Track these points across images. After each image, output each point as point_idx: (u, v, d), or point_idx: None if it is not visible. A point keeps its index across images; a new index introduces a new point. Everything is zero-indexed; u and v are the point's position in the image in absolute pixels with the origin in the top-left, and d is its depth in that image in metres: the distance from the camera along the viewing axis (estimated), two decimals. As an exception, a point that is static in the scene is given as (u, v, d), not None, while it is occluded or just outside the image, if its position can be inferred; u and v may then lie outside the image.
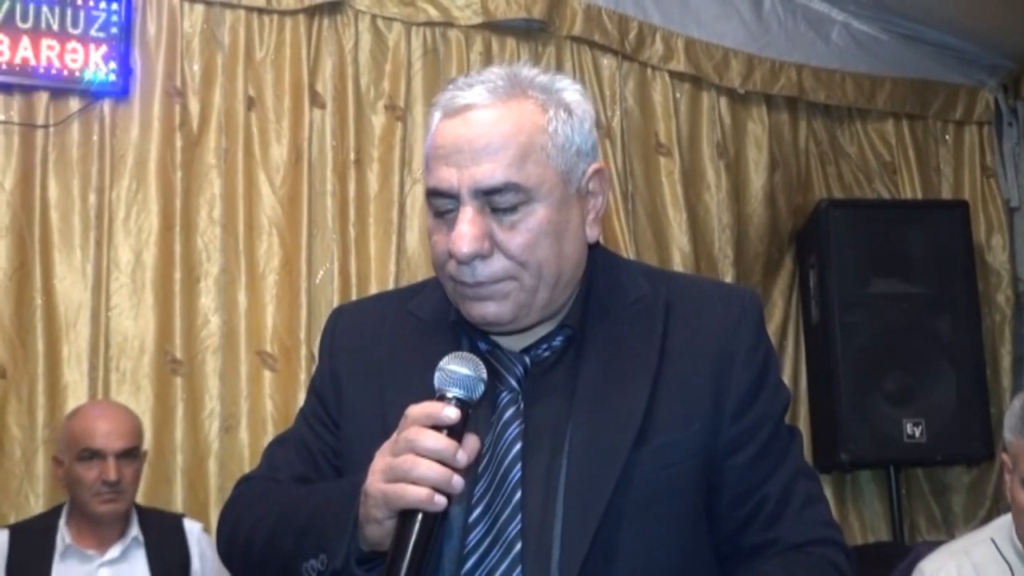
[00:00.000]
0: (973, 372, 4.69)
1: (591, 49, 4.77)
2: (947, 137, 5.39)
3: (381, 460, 1.46)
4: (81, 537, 3.39)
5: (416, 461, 1.41)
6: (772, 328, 4.95)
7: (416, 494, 1.40)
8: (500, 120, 1.57)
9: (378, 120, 4.42)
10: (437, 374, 1.48)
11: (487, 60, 4.57)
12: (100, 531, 3.40)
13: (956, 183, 5.37)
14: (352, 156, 4.34)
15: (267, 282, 4.18)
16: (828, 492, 4.86)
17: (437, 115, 1.62)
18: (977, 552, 2.58)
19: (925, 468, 4.98)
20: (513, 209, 1.56)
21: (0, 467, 3.83)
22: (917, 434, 4.58)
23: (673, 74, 4.90)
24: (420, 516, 1.41)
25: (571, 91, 1.66)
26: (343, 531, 1.50)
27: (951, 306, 4.74)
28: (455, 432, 1.44)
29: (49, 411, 3.86)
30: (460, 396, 1.46)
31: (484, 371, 1.49)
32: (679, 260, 4.74)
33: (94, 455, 3.35)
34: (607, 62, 4.80)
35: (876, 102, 5.25)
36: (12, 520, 3.74)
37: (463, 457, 1.43)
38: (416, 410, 1.45)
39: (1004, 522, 2.63)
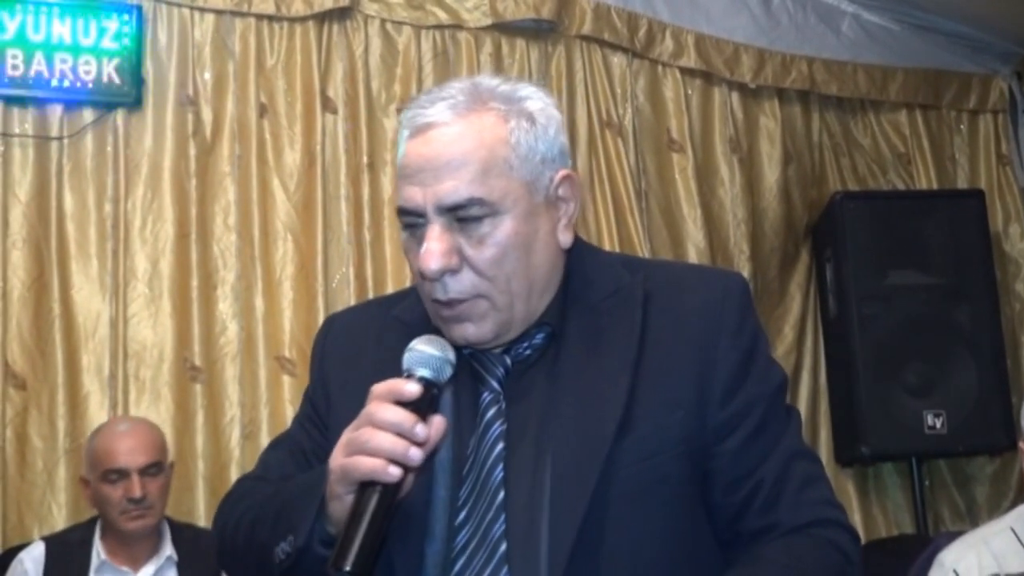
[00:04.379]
0: (993, 362, 4.66)
1: (601, 48, 4.77)
2: (961, 126, 5.37)
3: (344, 436, 1.49)
4: (114, 554, 3.40)
5: (373, 432, 1.44)
6: (790, 322, 4.95)
7: (370, 464, 1.42)
8: (460, 137, 1.58)
9: (390, 124, 4.43)
10: (406, 355, 1.51)
11: (497, 61, 4.58)
12: (132, 548, 3.40)
13: (971, 172, 5.34)
14: (365, 160, 4.35)
15: (284, 287, 4.19)
16: (850, 485, 4.87)
17: (404, 132, 1.63)
18: (997, 541, 2.56)
19: (948, 459, 4.96)
20: (479, 223, 1.57)
21: (23, 478, 3.84)
22: (938, 425, 4.56)
23: (684, 70, 4.89)
24: (379, 489, 1.42)
25: (534, 99, 1.66)
26: (309, 510, 1.52)
27: (969, 296, 4.71)
28: (419, 410, 1.46)
29: (70, 421, 3.88)
30: (427, 376, 1.49)
31: (452, 353, 1.52)
32: (695, 256, 4.73)
33: (118, 474, 3.35)
34: (617, 60, 4.80)
35: (889, 93, 5.23)
36: (36, 531, 3.77)
37: (422, 430, 1.44)
38: (379, 387, 1.49)
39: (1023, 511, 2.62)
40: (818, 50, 5.12)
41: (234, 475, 3.99)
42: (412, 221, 1.60)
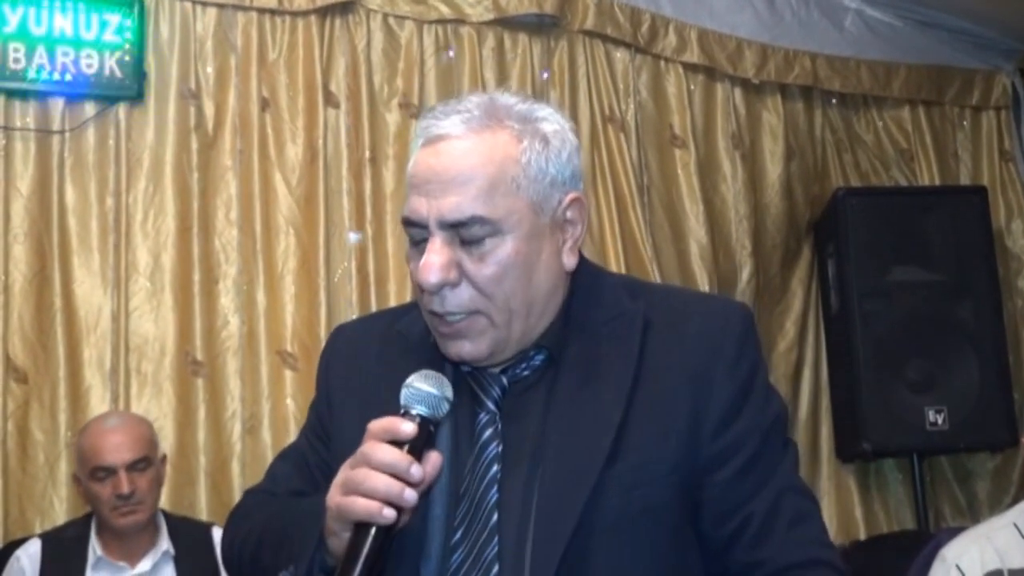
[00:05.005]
0: (995, 358, 4.66)
1: (604, 43, 4.76)
2: (964, 123, 5.37)
3: (341, 474, 1.49)
4: (111, 549, 3.39)
5: (368, 474, 1.44)
6: (792, 318, 4.95)
7: (365, 506, 1.42)
8: (470, 151, 1.56)
9: (392, 118, 4.43)
10: (403, 391, 1.50)
11: (499, 56, 4.58)
12: (128, 544, 3.40)
13: (974, 169, 5.34)
14: (367, 154, 4.34)
15: (285, 282, 4.18)
16: (852, 481, 4.86)
17: (418, 140, 1.62)
18: (999, 537, 2.56)
19: (949, 455, 4.95)
20: (480, 241, 1.56)
21: (24, 472, 3.84)
22: (940, 421, 4.56)
23: (687, 66, 4.89)
24: (373, 529, 1.43)
25: (551, 121, 1.64)
26: (309, 543, 1.52)
27: (971, 292, 4.71)
28: (415, 448, 1.45)
29: (71, 415, 3.88)
30: (424, 413, 1.49)
31: (450, 390, 1.51)
32: (697, 252, 4.73)
33: (105, 471, 3.34)
34: (620, 55, 4.79)
35: (892, 89, 5.23)
36: (38, 525, 3.77)
37: (417, 471, 1.44)
38: (376, 425, 1.48)
39: (1027, 506, 2.62)
40: (821, 46, 5.12)
41: (235, 470, 4.00)
42: (416, 233, 1.59)
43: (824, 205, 4.97)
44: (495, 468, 1.58)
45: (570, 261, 1.65)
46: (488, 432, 1.61)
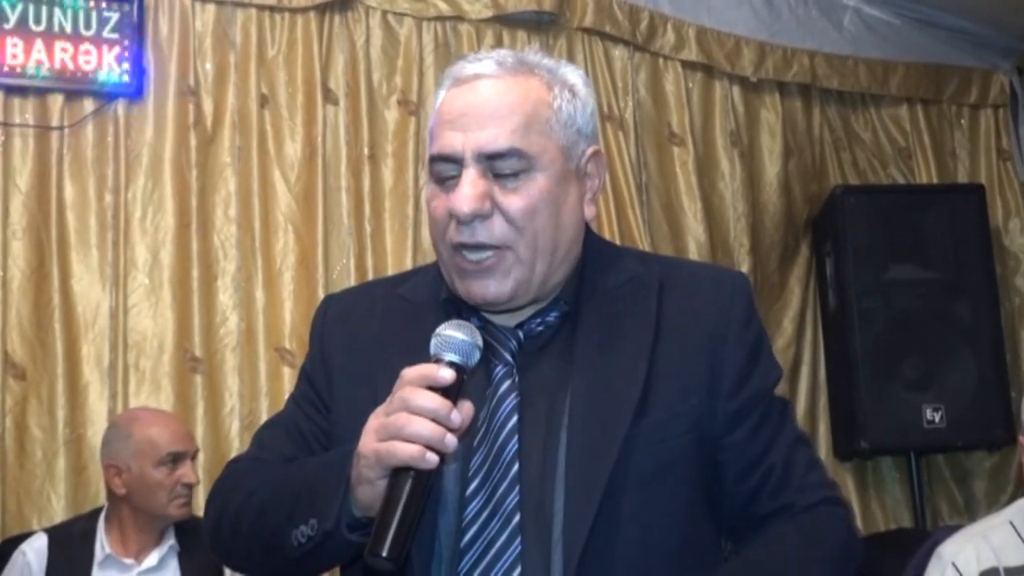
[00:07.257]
0: (992, 356, 4.66)
1: (602, 40, 4.77)
2: (962, 121, 5.37)
3: (375, 420, 1.48)
4: (121, 544, 3.38)
5: (409, 419, 1.43)
6: (789, 316, 4.96)
7: (408, 451, 1.42)
8: (507, 90, 1.63)
9: (391, 115, 4.43)
10: (433, 340, 1.50)
11: (498, 53, 4.57)
12: (142, 537, 3.39)
13: (972, 167, 5.34)
14: (366, 151, 4.35)
15: (284, 279, 4.19)
16: (849, 479, 4.87)
17: (446, 84, 1.67)
18: (996, 535, 2.56)
19: (946, 454, 4.96)
20: (515, 175, 1.60)
21: (22, 469, 3.84)
22: (937, 420, 4.56)
23: (685, 63, 4.89)
24: (412, 474, 1.42)
25: (575, 75, 1.72)
26: (335, 494, 1.51)
27: (969, 291, 4.71)
28: (450, 395, 1.46)
29: (69, 412, 3.88)
30: (456, 361, 1.49)
31: (480, 338, 1.52)
32: (695, 250, 4.73)
33: (176, 457, 3.37)
34: (618, 53, 4.80)
35: (890, 87, 5.23)
36: (35, 522, 3.77)
37: (457, 416, 1.45)
38: (411, 371, 1.48)
39: (1023, 505, 2.62)
40: (819, 44, 5.12)
41: (233, 466, 3.99)
42: (446, 170, 1.62)
43: (822, 203, 4.97)
44: (514, 419, 1.60)
45: (589, 212, 1.71)
46: (506, 384, 1.63)
